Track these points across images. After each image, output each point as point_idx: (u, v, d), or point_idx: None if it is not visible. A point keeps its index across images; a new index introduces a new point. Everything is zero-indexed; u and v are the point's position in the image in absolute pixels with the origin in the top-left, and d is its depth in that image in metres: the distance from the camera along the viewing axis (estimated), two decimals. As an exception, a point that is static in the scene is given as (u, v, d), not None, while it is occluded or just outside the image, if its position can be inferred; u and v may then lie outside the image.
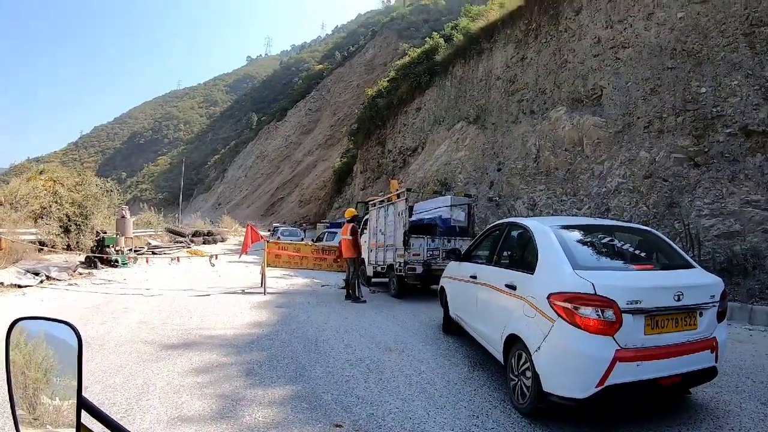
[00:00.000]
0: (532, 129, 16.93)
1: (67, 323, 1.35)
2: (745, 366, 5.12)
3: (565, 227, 4.24)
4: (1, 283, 9.86)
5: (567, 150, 14.89)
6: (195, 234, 31.67)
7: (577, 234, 4.23)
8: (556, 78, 16.42)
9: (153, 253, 19.54)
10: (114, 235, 16.04)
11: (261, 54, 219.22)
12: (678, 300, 3.36)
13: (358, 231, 10.63)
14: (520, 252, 4.59)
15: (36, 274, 11.07)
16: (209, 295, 9.94)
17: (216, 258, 15.03)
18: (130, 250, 17.36)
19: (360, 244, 10.66)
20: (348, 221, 10.68)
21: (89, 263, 14.13)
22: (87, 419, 1.14)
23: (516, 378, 3.84)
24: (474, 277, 5.15)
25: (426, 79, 27.87)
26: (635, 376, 3.23)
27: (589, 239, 4.23)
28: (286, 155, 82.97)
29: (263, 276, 10.71)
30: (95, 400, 3.63)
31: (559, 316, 3.35)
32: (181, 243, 26.92)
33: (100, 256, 14.53)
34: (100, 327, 6.67)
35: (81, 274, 12.75)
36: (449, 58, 25.43)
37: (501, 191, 17.64)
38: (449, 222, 11.53)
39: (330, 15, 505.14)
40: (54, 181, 17.23)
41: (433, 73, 27.21)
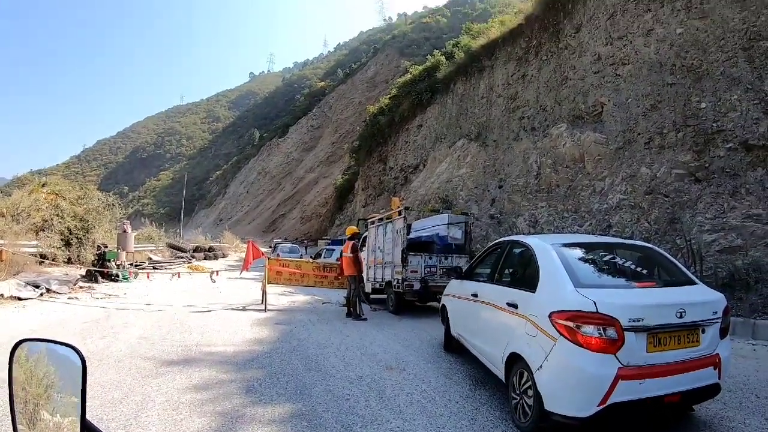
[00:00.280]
0: (533, 146, 16.99)
1: (71, 346, 1.35)
2: (749, 382, 5.08)
3: (567, 245, 4.24)
4: (1, 295, 9.86)
5: (568, 167, 14.92)
6: (196, 249, 31.69)
7: (579, 252, 4.23)
8: (556, 95, 16.51)
9: (154, 268, 19.54)
10: (115, 250, 16.07)
11: (264, 71, 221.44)
12: (680, 317, 3.35)
13: (359, 248, 10.64)
14: (521, 270, 4.58)
15: (36, 286, 11.07)
16: (210, 311, 9.91)
17: (217, 274, 15.02)
18: (131, 264, 17.37)
19: (361, 261, 10.66)
20: (349, 239, 10.70)
21: (90, 277, 14.14)
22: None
23: (517, 397, 3.81)
24: (475, 296, 5.14)
25: (427, 97, 28.01)
26: (638, 394, 3.21)
27: (591, 257, 4.23)
28: (287, 172, 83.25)
29: (264, 293, 10.68)
30: (94, 415, 3.61)
31: (561, 334, 3.33)
32: (182, 258, 26.95)
33: (100, 270, 14.54)
34: (99, 341, 6.65)
35: (81, 287, 12.74)
36: (450, 75, 25.58)
37: (502, 208, 17.65)
38: (446, 239, 11.62)
39: (332, 32, 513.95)
40: (56, 195, 17.31)
41: (435, 91, 27.34)
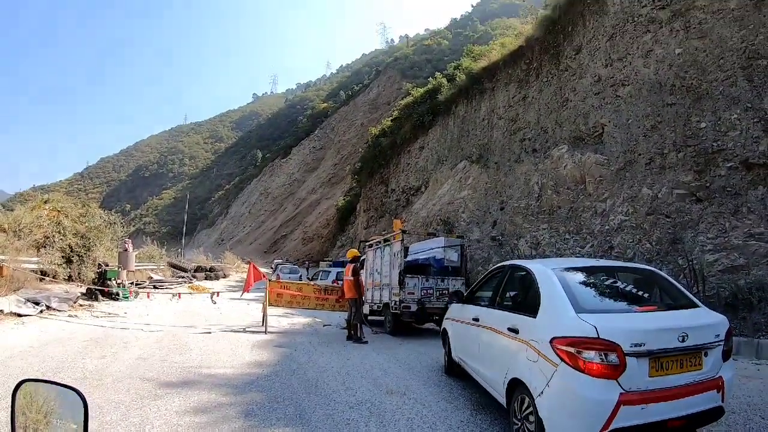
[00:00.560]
0: (534, 168, 17.07)
1: (74, 389, 1.37)
2: (754, 402, 5.04)
3: (568, 269, 4.24)
4: (1, 311, 9.85)
5: (569, 188, 14.96)
6: (197, 269, 31.59)
7: (580, 276, 4.23)
8: (557, 116, 16.63)
9: (154, 287, 19.50)
10: (116, 268, 16.05)
11: (267, 92, 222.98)
12: (682, 341, 3.34)
13: (360, 271, 10.64)
14: (522, 295, 4.57)
15: (36, 303, 11.05)
16: (210, 333, 9.87)
17: (218, 295, 14.96)
18: (131, 283, 17.33)
19: (362, 284, 10.64)
20: (350, 261, 10.70)
21: (90, 295, 14.10)
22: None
23: (519, 422, 3.78)
24: (476, 320, 5.13)
25: (429, 119, 28.20)
26: (640, 419, 3.18)
27: (592, 281, 4.23)
28: (289, 193, 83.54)
29: (265, 314, 10.64)
30: (92, 439, 3.58)
31: (562, 360, 3.33)
32: (183, 278, 26.87)
33: (101, 288, 14.51)
34: (98, 361, 6.62)
35: (81, 305, 12.71)
36: (452, 97, 25.83)
37: (504, 230, 17.66)
38: (443, 262, 11.95)
39: (335, 54, 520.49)
40: (58, 212, 17.34)
41: (436, 113, 27.55)
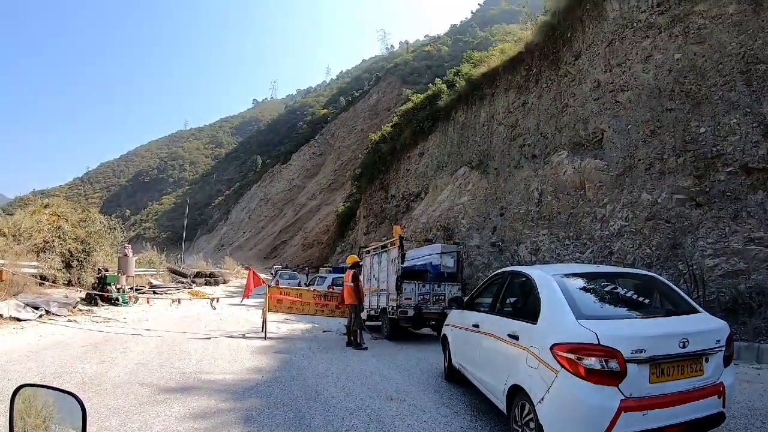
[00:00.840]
0: (534, 173, 17.08)
1: (72, 394, 1.37)
2: (755, 407, 5.02)
3: (568, 275, 4.24)
4: (0, 315, 9.83)
5: (569, 194, 14.97)
6: (197, 275, 31.56)
7: (580, 282, 4.23)
8: (557, 122, 16.65)
9: (154, 293, 19.48)
10: (115, 273, 16.03)
11: (267, 97, 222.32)
12: (683, 347, 3.33)
13: (360, 277, 10.64)
14: (522, 301, 4.57)
15: (35, 308, 11.04)
16: (209, 339, 9.86)
17: (217, 301, 14.95)
18: (131, 288, 17.32)
19: (362, 290, 10.64)
20: (350, 267, 10.70)
21: (89, 300, 14.10)
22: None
23: (519, 429, 3.77)
24: (476, 326, 5.12)
25: (429, 125, 28.19)
26: (641, 425, 3.18)
27: (592, 287, 4.22)
28: (289, 198, 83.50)
29: (264, 320, 10.63)
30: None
31: (563, 366, 3.32)
32: (183, 283, 26.84)
33: (100, 293, 14.51)
34: (98, 366, 6.61)
35: (81, 310, 12.71)
36: (452, 103, 25.83)
37: (504, 236, 17.65)
38: (439, 268, 12.02)
39: (335, 60, 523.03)
40: (58, 216, 17.34)
41: (436, 119, 27.53)
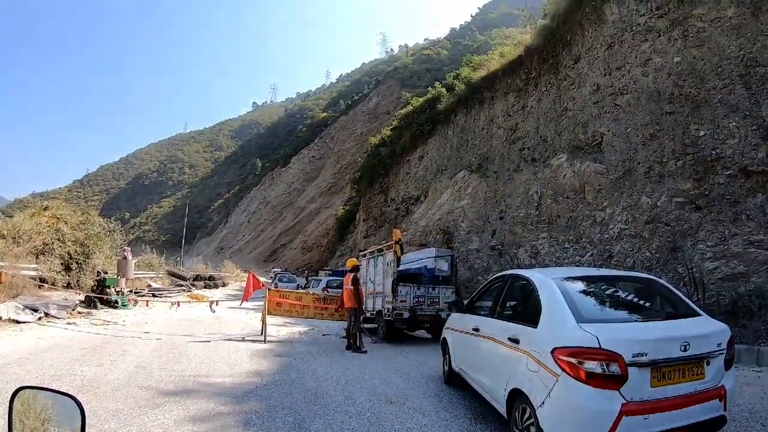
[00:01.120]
0: (533, 177, 17.09)
1: (71, 396, 1.36)
2: (755, 410, 5.01)
3: (568, 279, 4.24)
4: (-1, 317, 9.82)
5: (569, 197, 14.97)
6: (196, 278, 31.56)
7: (581, 285, 4.22)
8: (556, 126, 16.67)
9: (153, 296, 19.46)
10: (115, 276, 16.02)
11: (266, 101, 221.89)
12: (684, 350, 3.33)
13: (359, 281, 10.64)
14: (522, 305, 4.56)
15: (35, 310, 11.02)
16: (209, 342, 9.84)
17: (217, 304, 14.94)
18: (130, 291, 17.30)
19: (362, 293, 10.63)
20: (350, 271, 10.69)
21: (89, 303, 14.08)
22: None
23: (520, 433, 3.75)
24: (476, 330, 5.11)
25: (428, 128, 28.17)
26: (643, 429, 3.17)
27: (593, 290, 4.22)
28: (289, 202, 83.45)
29: (264, 324, 10.61)
30: (90, 448, 3.56)
31: (563, 370, 3.31)
32: (182, 286, 26.83)
33: (100, 296, 14.48)
34: (96, 369, 6.60)
35: (80, 313, 12.70)
36: (451, 107, 25.85)
37: (503, 240, 17.65)
38: (434, 271, 12.50)
39: (335, 64, 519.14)
40: (57, 218, 17.34)
41: (436, 122, 27.52)
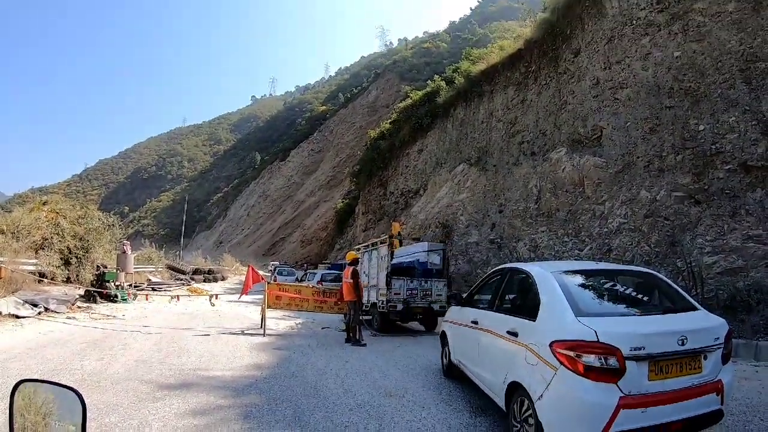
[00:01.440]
0: (533, 170, 17.08)
1: (72, 389, 1.36)
2: (753, 404, 5.04)
3: (567, 272, 4.25)
4: (-1, 312, 9.84)
5: (568, 191, 14.97)
6: (196, 272, 31.60)
7: (579, 279, 4.24)
8: (556, 119, 16.65)
9: (153, 290, 19.47)
10: (114, 270, 16.03)
11: (265, 94, 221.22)
12: (682, 344, 3.34)
13: (359, 274, 10.66)
14: (521, 298, 4.58)
15: (34, 305, 11.04)
16: (208, 335, 9.87)
17: (216, 297, 14.95)
18: (130, 285, 17.31)
19: (361, 287, 10.66)
20: (349, 264, 10.70)
21: (88, 297, 14.10)
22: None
23: (518, 425, 3.78)
24: (475, 323, 5.13)
25: (428, 121, 28.14)
26: (640, 422, 3.19)
27: (591, 284, 4.24)
28: (288, 195, 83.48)
29: (263, 317, 10.63)
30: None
31: (562, 363, 3.33)
32: (182, 280, 26.86)
33: (99, 290, 14.49)
34: (97, 363, 6.61)
35: (80, 307, 12.71)
36: (450, 100, 25.80)
37: (503, 233, 17.66)
38: (426, 265, 12.82)
39: (334, 57, 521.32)
40: (57, 213, 17.34)
41: (435, 116, 27.47)
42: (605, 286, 4.21)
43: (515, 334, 4.02)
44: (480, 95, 22.54)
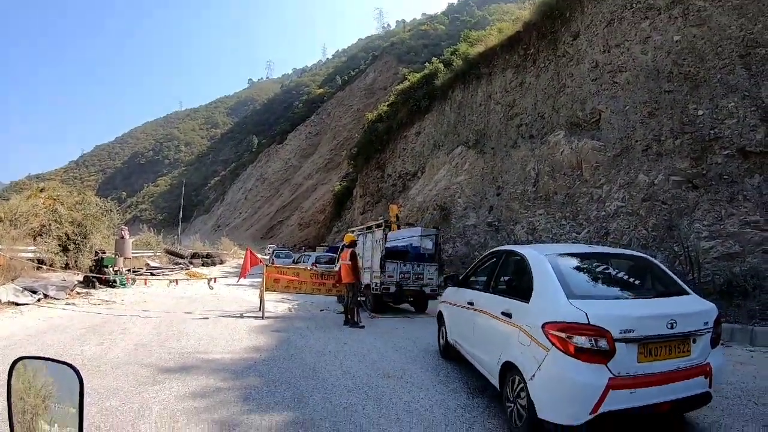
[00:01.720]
0: (531, 153, 17.07)
1: (69, 365, 1.39)
2: (747, 388, 5.11)
3: (561, 255, 4.30)
4: (-1, 300, 9.88)
5: (566, 174, 14.99)
6: (194, 256, 31.60)
7: (573, 262, 4.28)
8: (554, 102, 16.61)
9: (151, 274, 19.52)
10: (113, 256, 16.04)
11: (262, 77, 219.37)
12: (671, 328, 3.40)
13: (357, 256, 10.70)
14: (516, 280, 4.64)
15: (34, 292, 11.06)
16: (207, 319, 9.92)
17: (215, 281, 15.00)
18: (128, 270, 17.34)
19: (359, 269, 10.72)
20: (347, 246, 10.74)
21: (87, 283, 14.13)
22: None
23: (511, 404, 3.86)
24: (471, 304, 5.19)
25: (425, 104, 28.07)
26: (629, 403, 3.27)
27: (585, 267, 4.28)
28: (286, 178, 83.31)
29: (262, 300, 10.69)
30: (91, 423, 3.65)
31: (553, 344, 3.39)
32: (180, 265, 26.89)
33: (98, 276, 14.53)
34: (96, 348, 6.66)
35: (79, 293, 12.74)
36: (448, 82, 25.72)
37: (500, 216, 17.72)
38: (419, 249, 13.11)
39: (331, 39, 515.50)
40: (54, 200, 17.29)
41: (433, 98, 27.40)
42: (598, 269, 4.26)
43: (509, 315, 4.08)
44: (478, 78, 22.43)
